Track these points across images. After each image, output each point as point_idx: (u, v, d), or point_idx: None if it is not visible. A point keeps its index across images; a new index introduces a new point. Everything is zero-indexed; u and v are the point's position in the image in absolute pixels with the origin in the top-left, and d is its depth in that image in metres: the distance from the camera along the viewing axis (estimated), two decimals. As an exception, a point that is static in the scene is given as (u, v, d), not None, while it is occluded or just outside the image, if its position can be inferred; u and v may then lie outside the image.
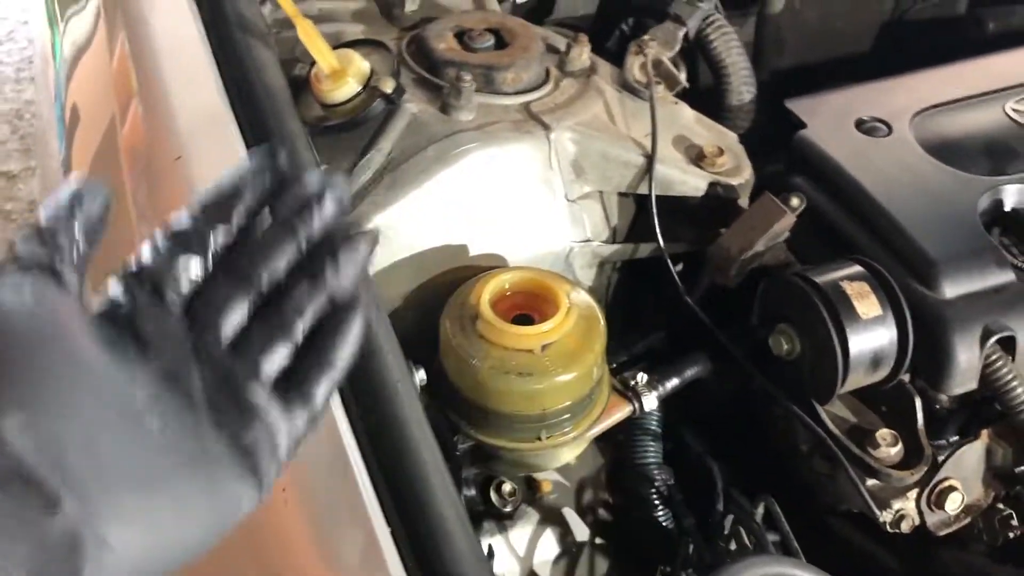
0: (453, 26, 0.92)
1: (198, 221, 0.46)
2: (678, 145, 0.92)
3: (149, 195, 0.82)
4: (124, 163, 0.87)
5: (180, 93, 0.81)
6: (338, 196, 0.48)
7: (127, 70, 0.89)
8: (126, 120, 0.90)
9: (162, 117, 0.79)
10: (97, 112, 1.00)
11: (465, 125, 0.84)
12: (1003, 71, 1.07)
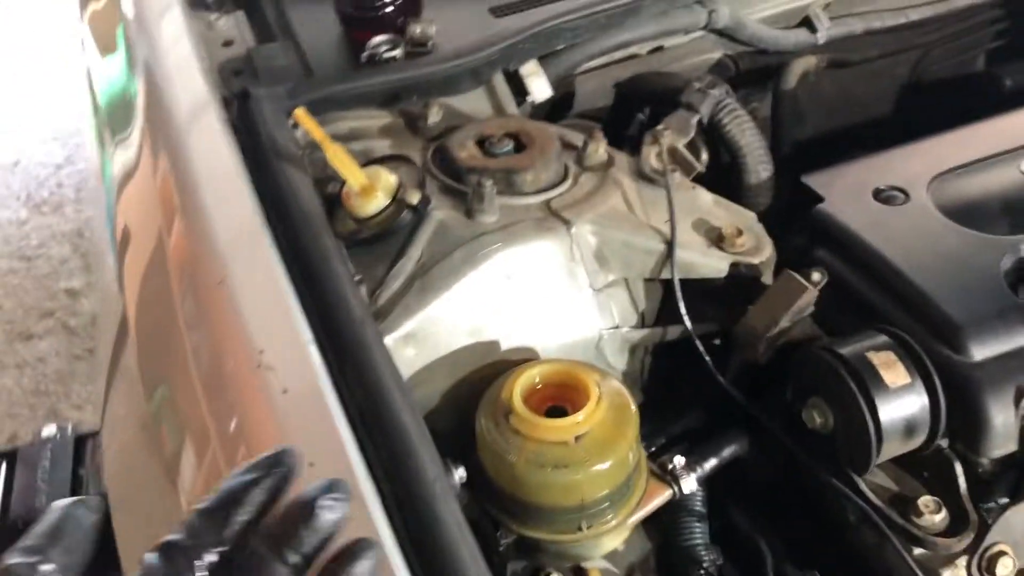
0: (474, 134, 0.97)
1: (192, 538, 0.48)
2: (698, 228, 0.95)
3: (196, 309, 0.86)
4: (172, 276, 0.92)
5: (220, 215, 0.87)
6: (338, 507, 0.49)
7: (169, 189, 0.95)
8: (171, 235, 0.96)
9: (204, 237, 0.84)
10: (145, 229, 1.06)
11: (489, 227, 0.88)
12: (1015, 130, 1.08)
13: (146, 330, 0.97)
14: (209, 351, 0.79)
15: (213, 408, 0.77)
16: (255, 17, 1.14)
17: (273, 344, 0.73)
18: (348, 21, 1.09)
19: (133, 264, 1.11)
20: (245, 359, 0.72)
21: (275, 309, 0.76)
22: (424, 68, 1.03)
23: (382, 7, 1.06)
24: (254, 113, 0.94)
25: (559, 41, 1.12)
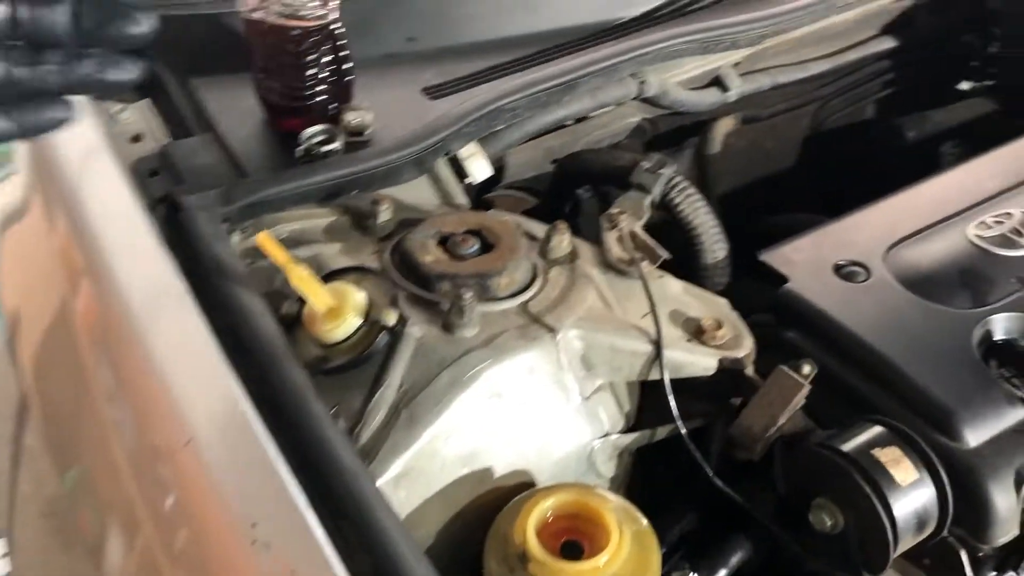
0: (434, 233, 0.90)
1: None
2: (675, 321, 0.91)
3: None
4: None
5: (170, 356, 0.76)
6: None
7: (101, 324, 0.83)
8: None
9: (163, 394, 0.73)
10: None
11: (472, 342, 0.81)
12: (954, 189, 1.11)
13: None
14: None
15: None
16: (164, 107, 1.02)
17: (267, 513, 0.64)
18: (274, 110, 0.99)
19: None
20: (235, 535, 0.62)
21: (260, 472, 0.67)
22: (368, 162, 0.95)
23: (312, 95, 0.97)
24: (187, 226, 0.84)
25: (499, 122, 1.07)
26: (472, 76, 1.09)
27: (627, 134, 1.33)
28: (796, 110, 1.52)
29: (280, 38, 0.94)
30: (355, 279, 0.83)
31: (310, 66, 0.96)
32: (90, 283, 0.80)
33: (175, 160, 0.93)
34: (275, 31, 0.93)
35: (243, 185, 0.90)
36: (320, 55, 0.95)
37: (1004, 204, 1.08)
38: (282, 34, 0.93)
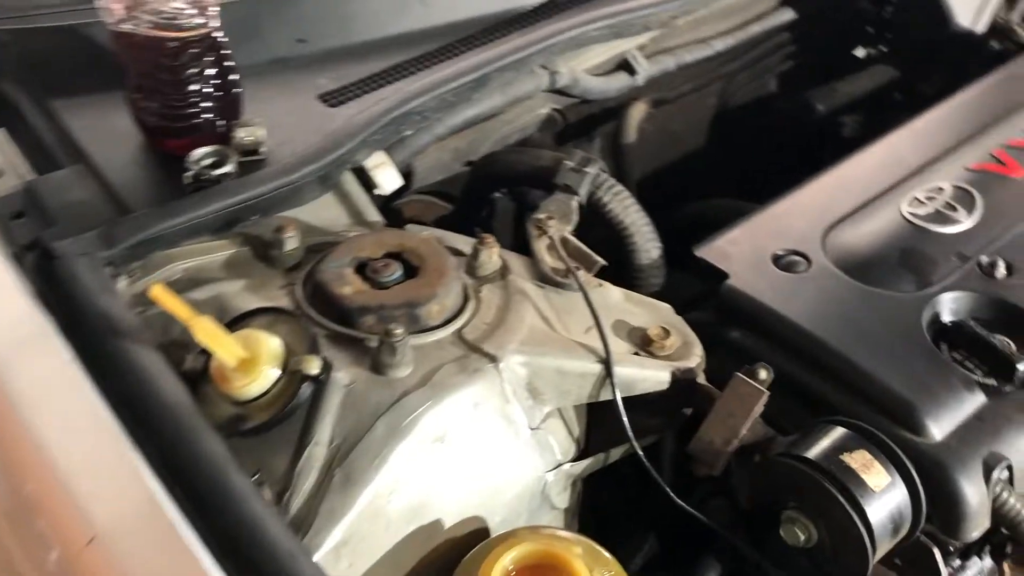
0: (350, 260, 0.81)
1: None
2: (620, 332, 0.85)
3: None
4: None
5: (54, 432, 0.65)
6: None
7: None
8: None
9: (50, 483, 0.63)
10: None
11: (407, 383, 0.72)
12: (877, 166, 1.08)
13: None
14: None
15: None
16: (23, 136, 0.89)
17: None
18: (153, 132, 0.88)
19: None
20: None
21: (180, 567, 0.57)
22: (266, 183, 0.85)
23: (196, 113, 0.86)
24: (65, 277, 0.72)
25: (407, 127, 0.98)
26: (372, 78, 0.99)
27: (537, 127, 1.26)
28: (702, 89, 1.48)
29: (155, 52, 0.82)
30: (267, 322, 0.74)
31: (191, 80, 0.85)
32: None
33: (43, 198, 0.81)
34: (149, 44, 0.82)
35: (126, 223, 0.79)
36: (202, 67, 0.85)
37: (932, 177, 1.05)
38: (157, 47, 0.82)
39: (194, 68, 0.84)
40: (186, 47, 0.83)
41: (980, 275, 0.93)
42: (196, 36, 0.82)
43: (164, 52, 0.82)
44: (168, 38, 0.81)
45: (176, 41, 0.82)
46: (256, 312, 0.75)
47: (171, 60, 0.83)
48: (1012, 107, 1.16)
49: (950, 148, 1.09)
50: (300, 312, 0.77)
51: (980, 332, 0.87)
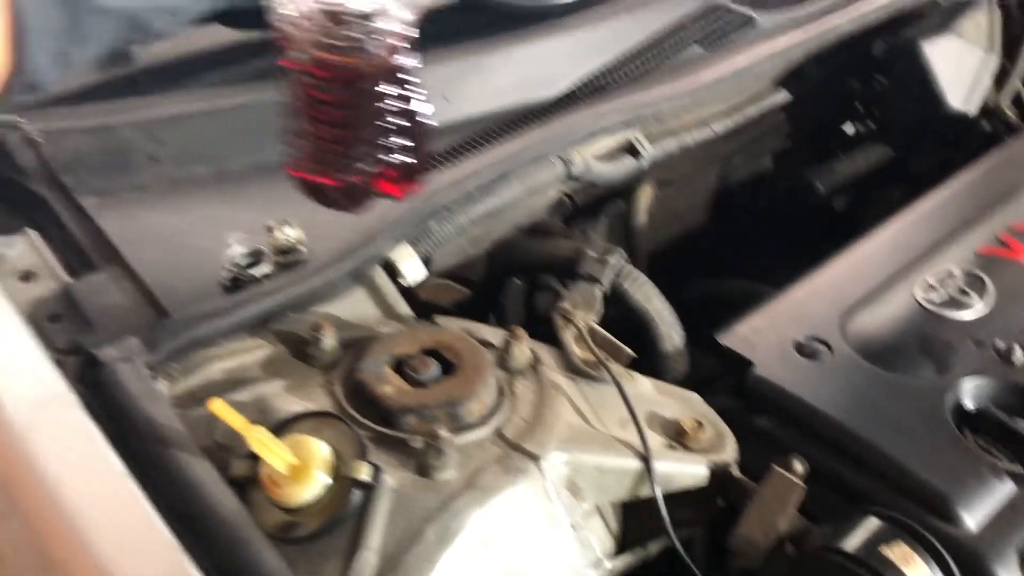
0: (387, 358, 0.81)
1: None
2: (654, 425, 0.86)
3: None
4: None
5: (108, 544, 0.65)
6: None
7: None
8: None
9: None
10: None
11: (453, 486, 0.73)
12: (888, 248, 1.11)
13: None
14: None
15: None
16: (56, 237, 0.90)
17: None
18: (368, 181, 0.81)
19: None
20: None
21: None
22: (303, 282, 0.86)
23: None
24: (110, 384, 0.73)
25: (432, 219, 0.99)
26: (398, 174, 1.01)
27: (547, 210, 1.28)
28: (704, 169, 1.52)
29: (372, 79, 0.75)
30: (312, 426, 0.74)
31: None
32: (5, 468, 0.68)
33: (80, 301, 0.82)
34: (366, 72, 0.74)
35: (167, 326, 0.79)
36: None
37: (942, 260, 1.08)
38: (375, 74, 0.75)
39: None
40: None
41: (998, 361, 0.95)
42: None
43: (387, 73, 0.74)
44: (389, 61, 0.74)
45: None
46: (302, 416, 0.75)
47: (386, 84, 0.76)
48: (1013, 189, 1.19)
49: (957, 231, 1.13)
50: (342, 413, 0.77)
51: (1003, 419, 0.89)
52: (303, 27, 0.73)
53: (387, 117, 0.78)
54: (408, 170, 0.81)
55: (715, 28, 1.33)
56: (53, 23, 0.52)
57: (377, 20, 0.72)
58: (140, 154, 0.97)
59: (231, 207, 0.96)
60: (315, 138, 0.78)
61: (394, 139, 0.79)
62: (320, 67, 0.74)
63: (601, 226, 1.42)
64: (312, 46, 0.73)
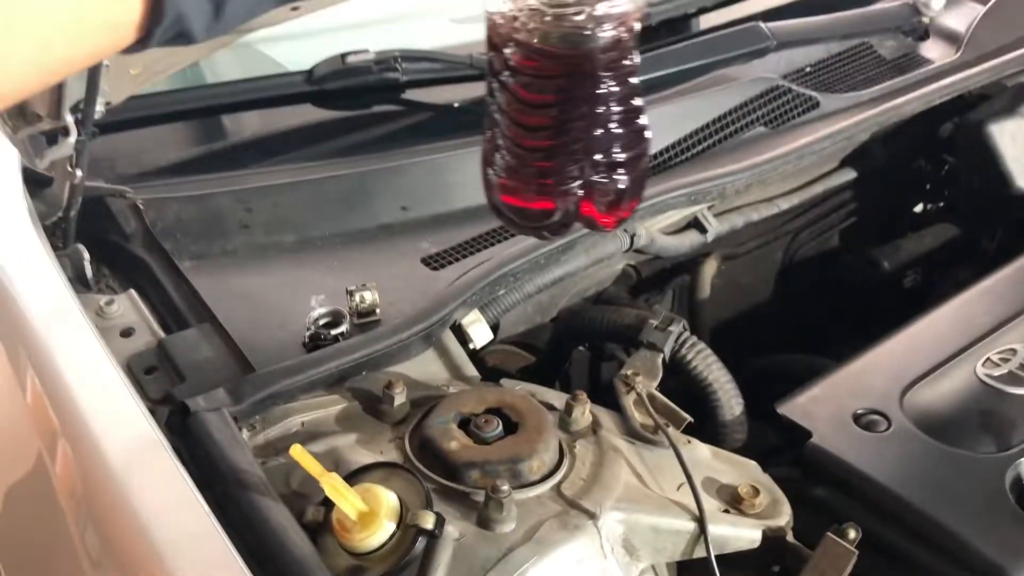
0: (454, 415, 0.86)
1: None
2: (709, 490, 0.88)
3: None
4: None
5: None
6: None
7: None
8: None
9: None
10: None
11: (512, 538, 0.76)
12: (951, 325, 1.12)
13: None
14: None
15: None
16: (155, 296, 0.98)
17: None
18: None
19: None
20: None
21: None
22: (377, 344, 0.91)
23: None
24: (199, 432, 0.78)
25: (501, 287, 1.04)
26: (470, 242, 1.07)
27: (612, 281, 1.32)
28: (769, 244, 1.55)
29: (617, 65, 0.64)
30: (382, 476, 0.79)
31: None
32: (101, 509, 0.74)
33: (173, 356, 0.89)
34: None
35: (252, 380, 0.85)
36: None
37: (1004, 338, 1.09)
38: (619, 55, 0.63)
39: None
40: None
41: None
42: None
43: (613, 70, 0.63)
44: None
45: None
46: (372, 467, 0.80)
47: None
48: (1078, 269, 1.19)
49: (1020, 310, 1.13)
50: (410, 466, 0.82)
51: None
52: (518, 15, 0.61)
53: (607, 126, 0.66)
54: (622, 194, 0.69)
55: (779, 109, 1.37)
56: None
57: (605, 5, 0.60)
58: (232, 221, 1.04)
59: (313, 271, 1.02)
60: (523, 152, 0.67)
61: (614, 154, 0.67)
62: (536, 58, 0.62)
63: (666, 298, 1.46)
64: (528, 35, 0.62)
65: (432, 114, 1.27)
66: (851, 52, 1.50)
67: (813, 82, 1.43)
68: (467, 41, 1.32)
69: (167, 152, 1.19)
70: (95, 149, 1.01)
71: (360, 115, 1.25)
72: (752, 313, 1.55)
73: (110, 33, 0.46)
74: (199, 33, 0.47)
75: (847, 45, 1.50)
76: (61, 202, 0.98)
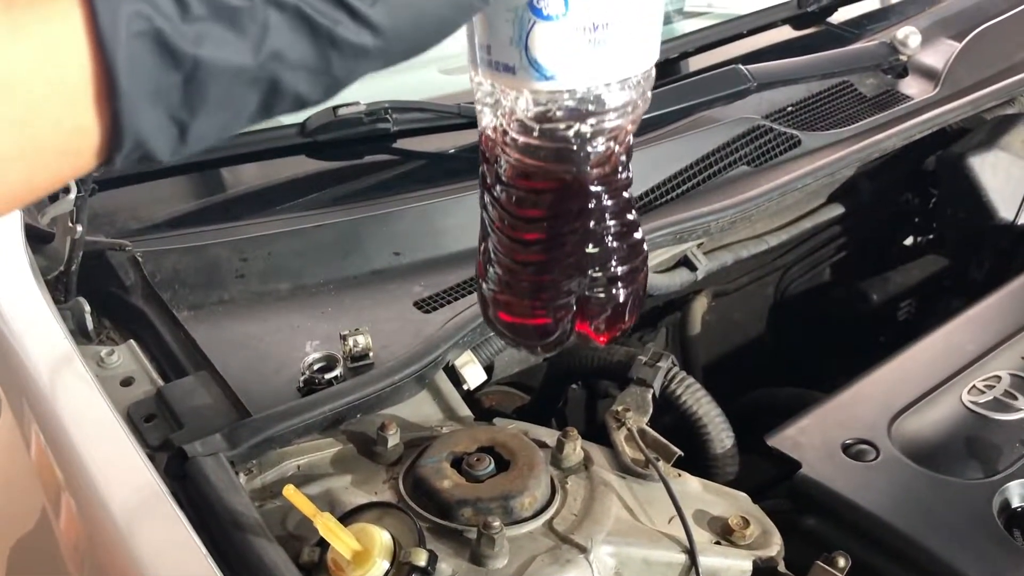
0: (446, 455, 0.88)
1: None
2: (700, 522, 0.89)
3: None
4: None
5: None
6: None
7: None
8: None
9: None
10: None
11: (504, 573, 0.78)
12: (937, 355, 1.13)
13: None
14: None
15: None
16: (154, 345, 1.00)
17: None
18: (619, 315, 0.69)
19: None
20: None
21: None
22: (371, 386, 0.93)
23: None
24: (197, 476, 0.80)
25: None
26: (461, 285, 1.09)
27: (605, 321, 1.35)
28: (759, 280, 1.57)
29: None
30: (376, 516, 0.80)
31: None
32: (104, 560, 0.75)
33: (172, 403, 0.90)
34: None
35: (248, 425, 0.87)
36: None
37: (989, 366, 1.10)
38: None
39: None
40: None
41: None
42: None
43: (606, 185, 0.63)
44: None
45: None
46: (366, 506, 0.81)
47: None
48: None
49: (1004, 337, 1.15)
50: (404, 505, 0.83)
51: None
52: (508, 130, 0.61)
53: (601, 240, 0.65)
54: (618, 310, 0.69)
55: (762, 148, 1.40)
56: (156, 84, 0.43)
57: (595, 119, 0.59)
58: (228, 271, 1.07)
59: (308, 318, 1.05)
60: (516, 266, 0.67)
61: (609, 269, 0.67)
62: (527, 173, 0.62)
63: (659, 335, 1.48)
64: (518, 149, 0.61)
65: (422, 162, 1.30)
66: (831, 91, 1.54)
67: (795, 121, 1.46)
68: (455, 91, 1.36)
69: (165, 206, 1.22)
70: (95, 204, 1.04)
71: (352, 165, 1.28)
72: (744, 349, 1.57)
73: (71, 159, 0.44)
74: (164, 155, 0.45)
75: (827, 84, 1.54)
76: (62, 256, 1.01)
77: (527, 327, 0.69)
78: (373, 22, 0.46)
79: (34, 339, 0.96)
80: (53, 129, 0.42)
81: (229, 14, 0.43)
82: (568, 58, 0.54)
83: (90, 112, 0.42)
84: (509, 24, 0.52)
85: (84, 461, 0.83)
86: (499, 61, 0.55)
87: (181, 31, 0.42)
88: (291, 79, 0.45)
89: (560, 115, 0.58)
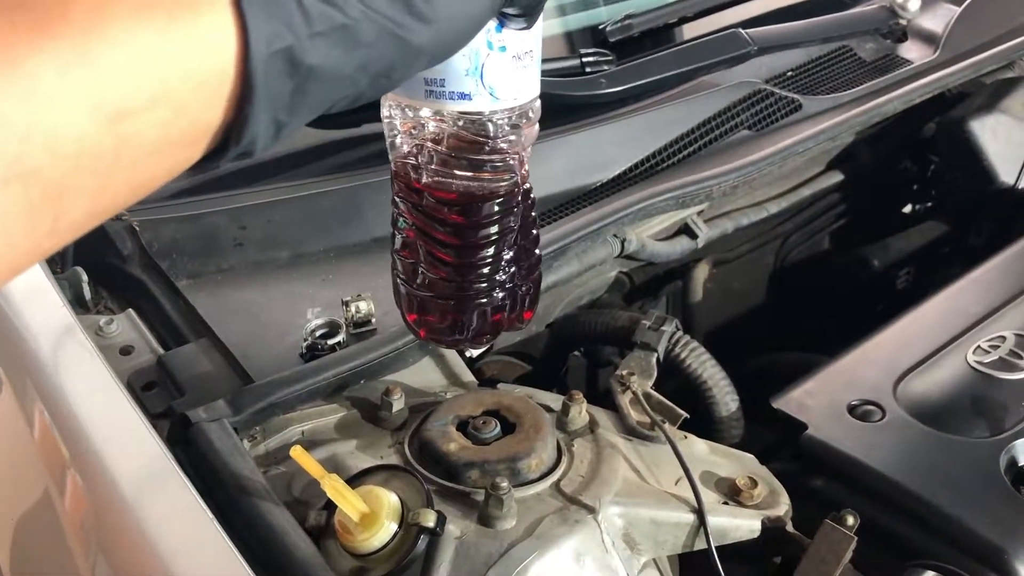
0: (452, 418, 0.87)
1: None
2: (708, 483, 0.89)
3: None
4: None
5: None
6: None
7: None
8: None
9: None
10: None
11: (513, 534, 0.77)
12: (941, 316, 1.13)
13: None
14: None
15: None
16: (153, 314, 0.99)
17: None
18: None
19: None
20: None
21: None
22: (375, 352, 0.92)
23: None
24: (200, 442, 0.79)
25: (494, 294, 1.05)
26: (462, 252, 1.08)
27: (605, 289, 1.34)
28: (760, 248, 1.56)
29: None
30: (383, 479, 0.79)
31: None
32: (112, 536, 0.75)
33: (173, 371, 0.90)
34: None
35: (251, 391, 0.86)
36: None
37: (994, 326, 1.10)
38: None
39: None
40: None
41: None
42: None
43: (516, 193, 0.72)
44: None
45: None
46: (372, 469, 0.81)
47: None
48: (1064, 256, 1.21)
49: (1009, 298, 1.14)
50: (410, 468, 0.83)
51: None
52: (418, 138, 0.68)
53: (511, 241, 0.75)
54: (525, 299, 0.80)
55: (762, 112, 1.39)
56: (278, 89, 0.46)
57: (528, 129, 0.69)
58: (227, 240, 1.06)
59: (308, 285, 1.04)
60: (431, 268, 0.75)
61: (519, 264, 0.77)
62: (454, 191, 0.69)
63: (660, 304, 1.47)
64: (430, 163, 0.68)
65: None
66: (831, 55, 1.53)
67: (795, 85, 1.45)
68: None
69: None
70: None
71: (352, 135, 1.27)
72: (745, 316, 1.57)
73: (188, 153, 0.46)
74: (259, 152, 0.48)
75: (827, 49, 1.53)
76: (58, 226, 0.99)
77: (443, 326, 0.78)
78: (428, 33, 0.51)
79: (33, 309, 0.95)
80: (188, 127, 0.45)
81: (341, 32, 0.47)
82: (508, 82, 0.64)
83: (219, 113, 0.45)
84: (466, 59, 0.62)
85: (90, 436, 0.82)
86: (454, 91, 0.64)
87: (305, 47, 0.46)
88: (367, 86, 0.50)
89: (507, 129, 0.67)
